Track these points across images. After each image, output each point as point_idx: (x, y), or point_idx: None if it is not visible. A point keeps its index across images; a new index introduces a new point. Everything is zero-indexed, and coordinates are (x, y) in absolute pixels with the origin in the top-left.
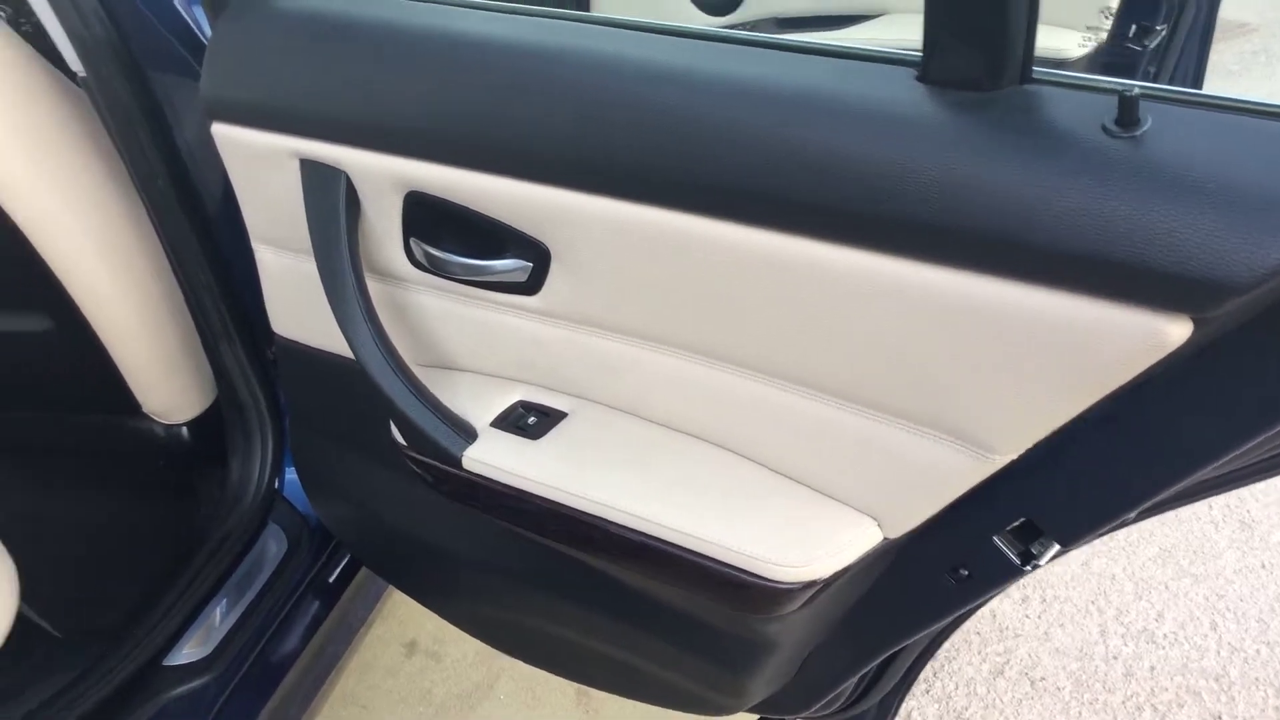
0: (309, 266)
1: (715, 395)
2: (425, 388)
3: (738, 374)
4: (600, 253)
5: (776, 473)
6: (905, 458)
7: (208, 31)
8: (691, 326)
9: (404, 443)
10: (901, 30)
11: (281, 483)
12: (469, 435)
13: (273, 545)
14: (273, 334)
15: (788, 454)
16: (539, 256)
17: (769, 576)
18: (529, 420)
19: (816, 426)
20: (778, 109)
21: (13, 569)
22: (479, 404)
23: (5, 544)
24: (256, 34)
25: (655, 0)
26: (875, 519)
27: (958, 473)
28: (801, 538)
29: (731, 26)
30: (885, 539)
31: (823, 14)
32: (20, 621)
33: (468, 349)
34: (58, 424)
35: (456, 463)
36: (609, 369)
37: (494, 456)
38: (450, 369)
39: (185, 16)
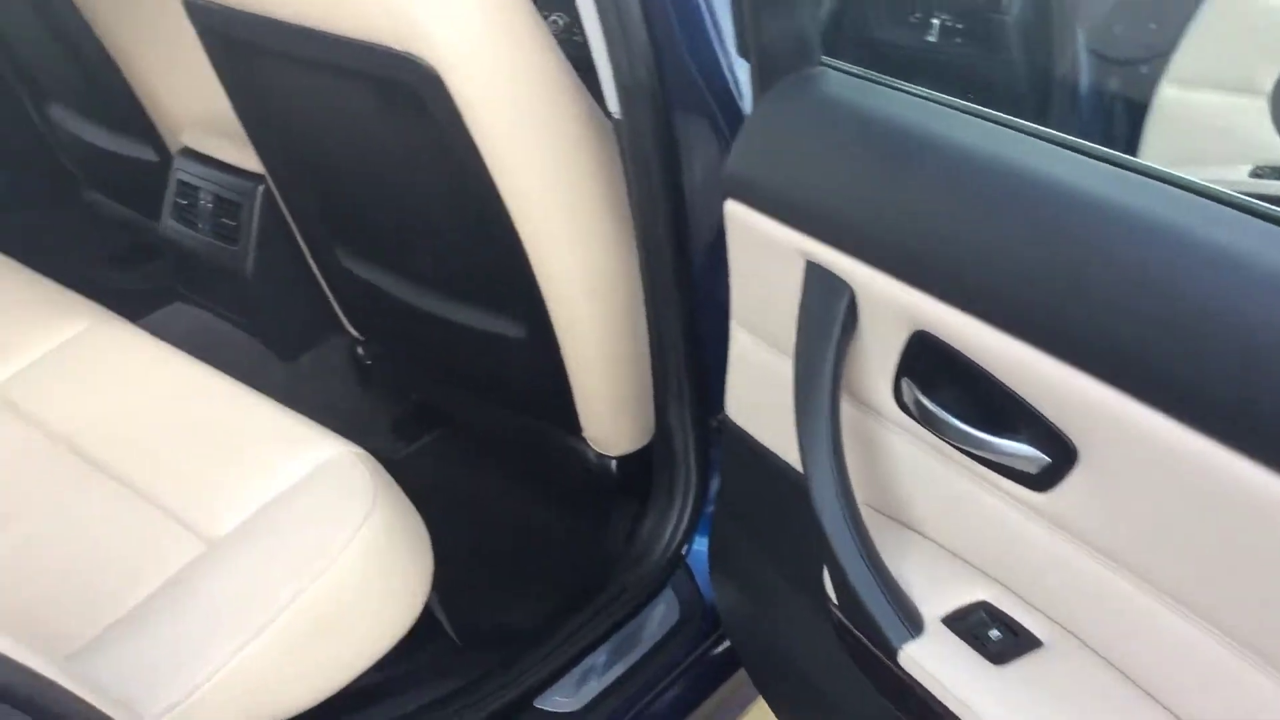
0: (783, 368)
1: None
2: (875, 550)
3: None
4: (1145, 482)
5: None
6: None
7: (743, 93)
8: (1249, 605)
9: (834, 599)
10: None
11: (689, 550)
12: (914, 626)
13: (664, 611)
14: (723, 410)
15: None
16: (1061, 452)
17: None
18: (991, 633)
19: None
20: None
21: (429, 553)
22: (932, 587)
23: (424, 515)
24: (797, 121)
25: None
26: None
27: None
28: None
29: None
30: None
31: None
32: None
33: (934, 515)
34: (509, 418)
35: (891, 654)
36: (1108, 607)
37: (940, 667)
38: (905, 525)
39: (728, 78)
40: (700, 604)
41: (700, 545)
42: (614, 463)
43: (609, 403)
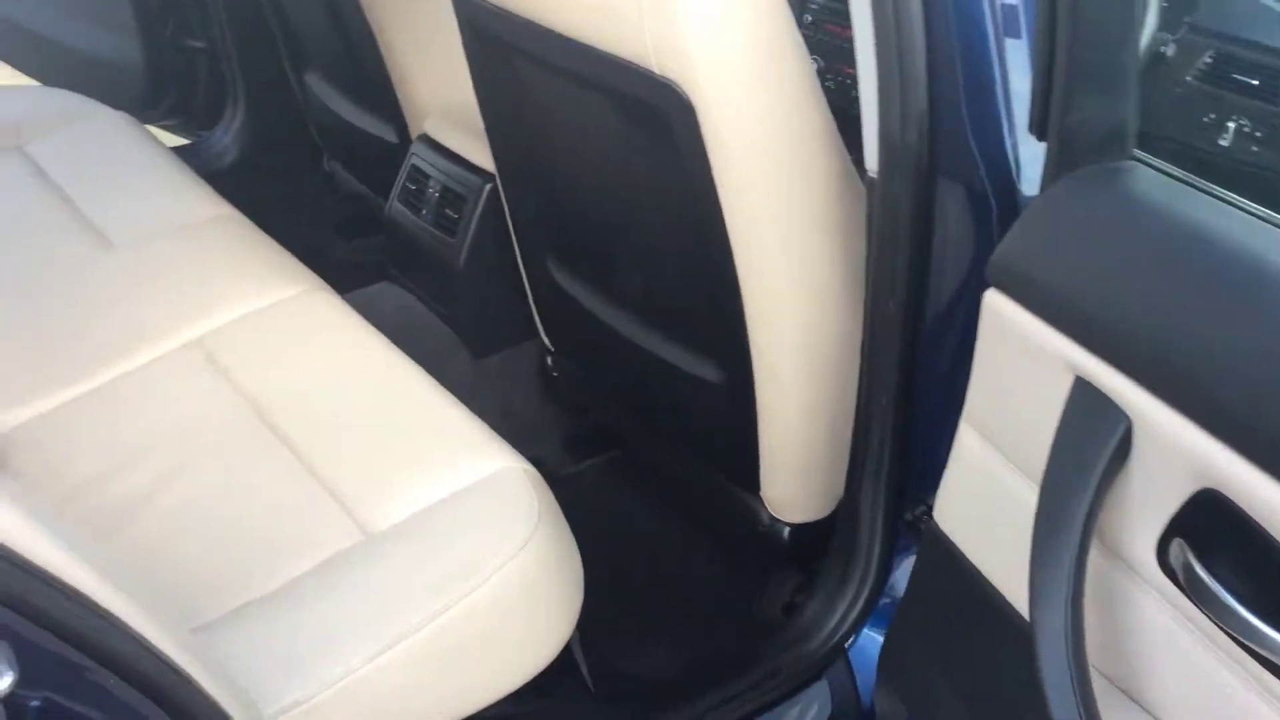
0: (1019, 488)
1: None
2: None
3: None
4: None
5: None
6: None
7: (1023, 174)
8: None
9: None
10: None
11: (853, 643)
12: None
13: (815, 708)
14: (924, 507)
15: None
16: None
17: None
18: None
19: None
20: None
21: (580, 590)
22: None
23: (576, 538)
24: (1095, 216)
25: None
26: None
27: None
28: None
29: None
30: None
31: None
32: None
33: (1179, 703)
34: (684, 459)
35: None
36: None
37: None
38: (1139, 704)
39: (1008, 153)
40: (857, 707)
41: (866, 640)
42: (787, 529)
43: (796, 467)
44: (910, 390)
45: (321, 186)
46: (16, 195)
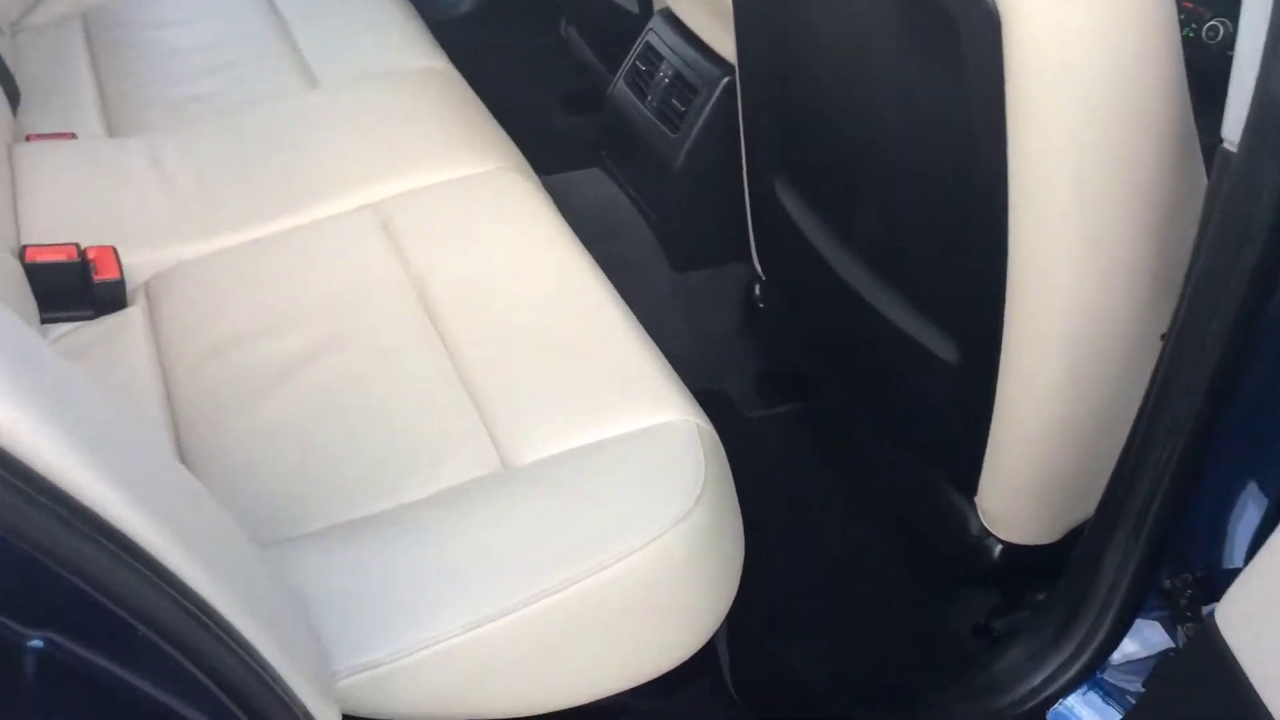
0: None
1: None
2: None
3: None
4: None
5: None
6: None
7: None
8: None
9: None
10: None
11: (1053, 713)
12: None
13: None
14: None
15: None
16: None
17: None
18: None
19: None
20: None
21: (736, 578)
22: None
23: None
24: None
25: None
26: None
27: None
28: None
29: None
30: None
31: None
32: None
33: None
34: (889, 436)
35: None
36: None
37: None
38: None
39: None
40: None
41: (1065, 712)
42: (999, 548)
43: (1028, 481)
44: (1211, 436)
45: (554, 52)
46: (241, 16)
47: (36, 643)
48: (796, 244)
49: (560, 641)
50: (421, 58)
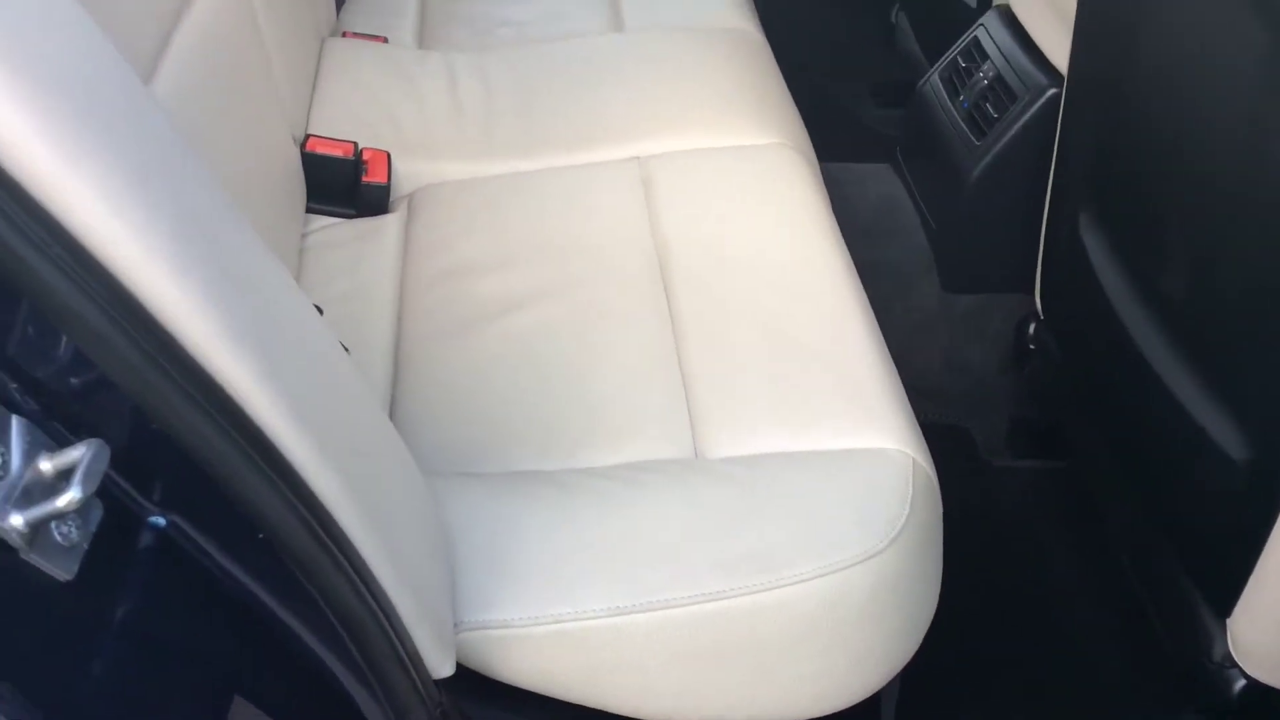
0: None
1: None
2: None
3: None
4: None
5: None
6: None
7: None
8: None
9: None
10: None
11: None
12: None
13: None
14: None
15: None
16: None
17: None
18: None
19: None
20: None
21: (919, 633)
22: None
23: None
24: None
25: None
26: None
27: None
28: None
29: None
30: None
31: None
32: None
33: None
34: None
35: None
36: None
37: None
38: None
39: None
40: None
41: None
42: (1241, 682)
43: None
44: None
45: (878, 38)
46: None
47: (158, 520)
48: (1088, 290)
49: (708, 653)
50: (732, 18)
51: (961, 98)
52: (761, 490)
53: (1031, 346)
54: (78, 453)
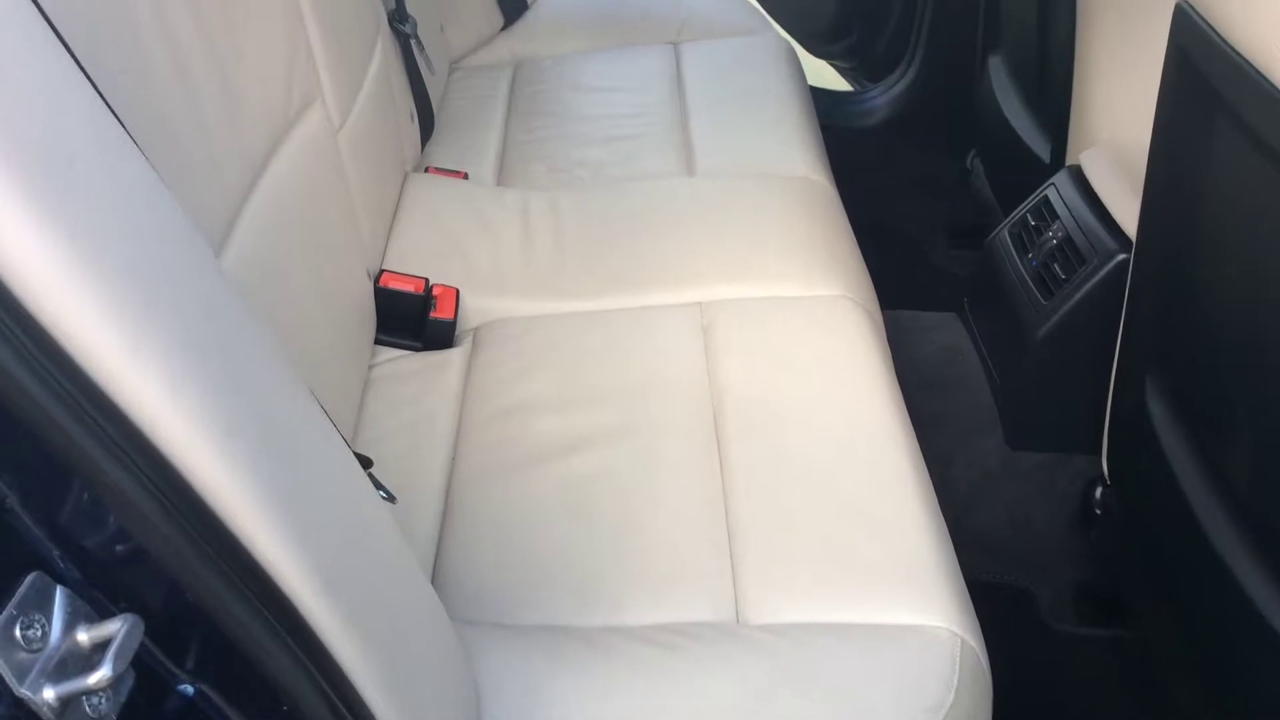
0: None
1: None
2: None
3: None
4: None
5: None
6: None
7: None
8: None
9: None
10: None
11: None
12: None
13: None
14: None
15: None
16: None
17: None
18: None
19: None
20: None
21: None
22: None
23: None
24: None
25: None
26: None
27: None
28: None
29: None
30: None
31: None
32: None
33: None
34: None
35: None
36: None
37: None
38: None
39: None
40: None
41: None
42: None
43: None
44: None
45: (952, 181)
46: (652, 95)
47: (187, 688)
48: (1154, 459)
49: None
50: (803, 167)
51: (1030, 255)
52: (800, 665)
53: (1098, 511)
54: (114, 627)
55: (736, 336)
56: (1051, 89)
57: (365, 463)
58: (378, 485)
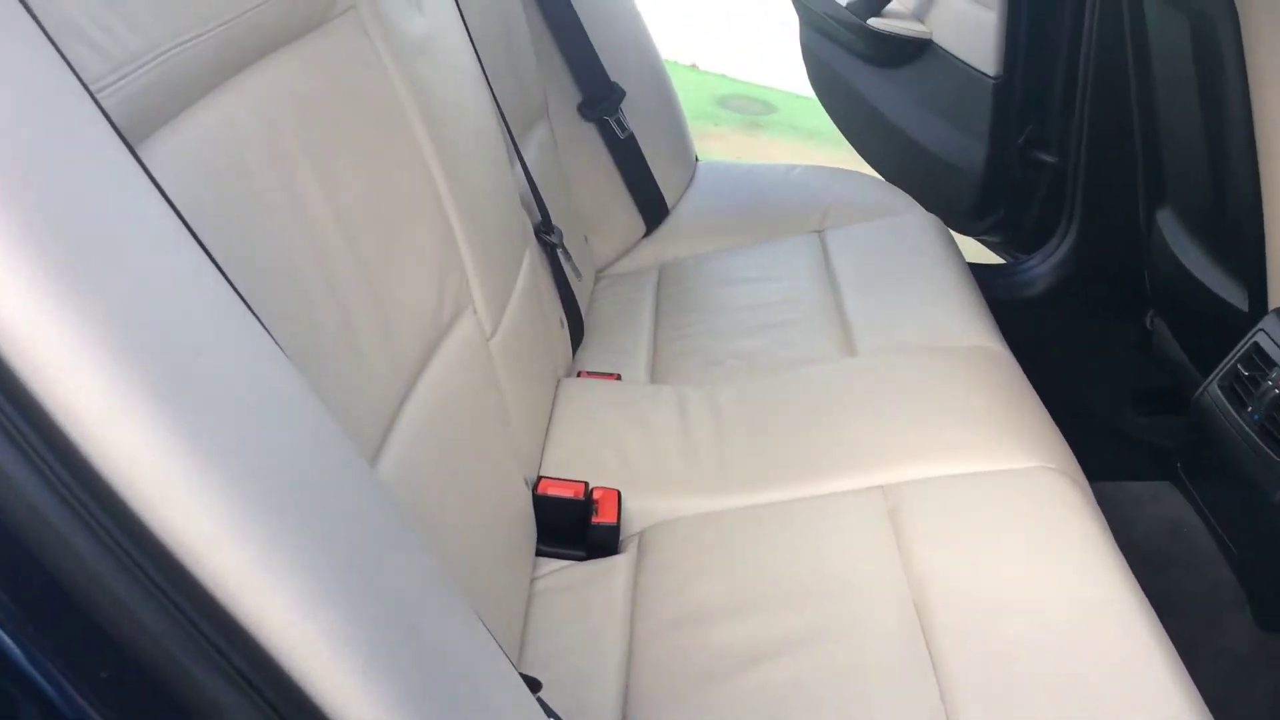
0: None
1: None
2: None
3: None
4: None
5: None
6: None
7: None
8: None
9: None
10: None
11: None
12: None
13: None
14: None
15: None
16: None
17: None
18: None
19: None
20: None
21: None
22: None
23: None
24: None
25: None
26: None
27: None
28: None
29: None
30: None
31: None
32: None
33: None
34: None
35: None
36: None
37: None
38: None
39: None
40: None
41: None
42: None
43: None
44: None
45: (1133, 345)
46: (802, 282)
47: None
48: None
49: None
50: (973, 335)
51: (1250, 409)
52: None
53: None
54: None
55: (928, 520)
56: (1239, 233)
57: (534, 685)
58: (548, 711)
